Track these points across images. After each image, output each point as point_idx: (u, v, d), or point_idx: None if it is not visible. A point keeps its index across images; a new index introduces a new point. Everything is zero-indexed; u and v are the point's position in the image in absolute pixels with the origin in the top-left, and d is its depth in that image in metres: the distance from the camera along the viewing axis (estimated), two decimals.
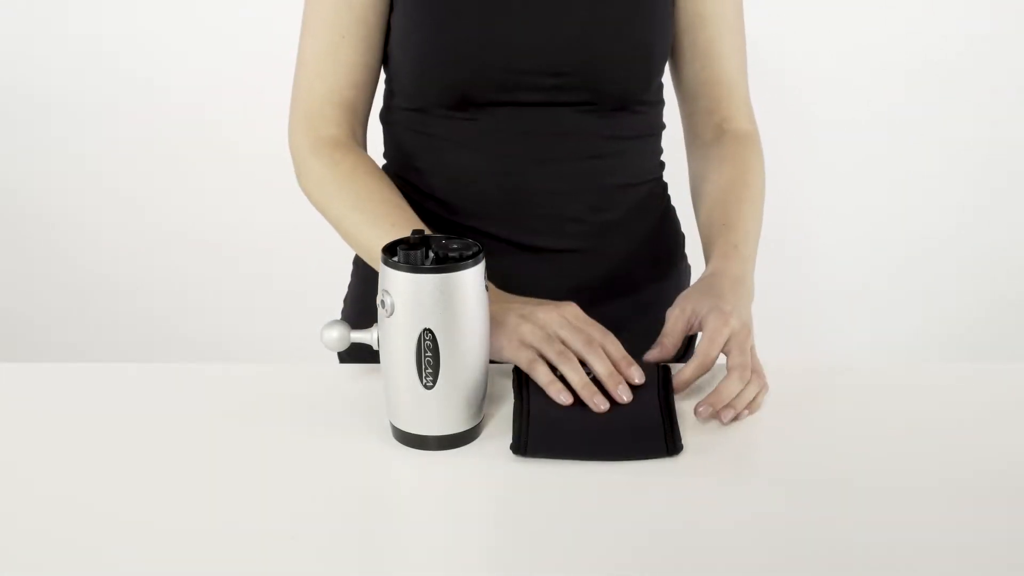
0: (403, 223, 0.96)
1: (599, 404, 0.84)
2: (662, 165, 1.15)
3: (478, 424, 0.84)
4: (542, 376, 0.86)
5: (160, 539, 0.71)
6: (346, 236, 1.03)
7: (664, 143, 1.14)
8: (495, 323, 0.87)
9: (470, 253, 0.80)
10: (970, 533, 0.72)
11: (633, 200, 1.10)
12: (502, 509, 0.75)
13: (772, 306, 2.26)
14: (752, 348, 0.90)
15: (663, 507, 0.75)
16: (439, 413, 0.81)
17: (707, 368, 0.89)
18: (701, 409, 0.85)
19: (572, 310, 0.90)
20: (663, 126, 1.12)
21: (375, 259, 0.87)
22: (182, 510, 0.75)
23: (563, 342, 0.87)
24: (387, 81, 1.10)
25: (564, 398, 0.85)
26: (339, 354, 1.15)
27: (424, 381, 0.80)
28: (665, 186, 1.16)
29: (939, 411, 0.89)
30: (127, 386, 0.95)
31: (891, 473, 0.79)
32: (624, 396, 0.85)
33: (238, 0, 2.04)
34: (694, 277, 1.19)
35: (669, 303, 0.95)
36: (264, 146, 2.05)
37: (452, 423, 0.82)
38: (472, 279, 0.79)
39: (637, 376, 0.87)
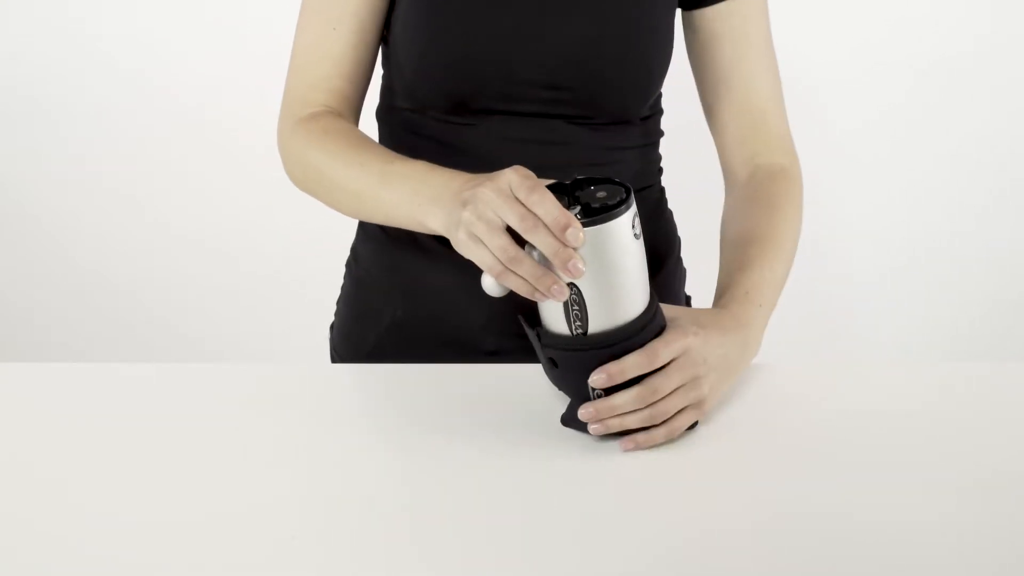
0: (377, 159, 0.93)
1: (556, 293, 0.75)
2: (660, 171, 1.13)
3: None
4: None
5: (159, 539, 0.71)
6: (331, 191, 0.98)
7: (662, 149, 1.12)
8: (451, 215, 0.81)
9: (615, 202, 0.74)
10: (971, 532, 0.72)
11: None
12: (503, 509, 0.76)
13: None
14: (708, 388, 0.81)
15: (665, 507, 0.75)
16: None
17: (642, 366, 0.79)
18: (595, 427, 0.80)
19: (504, 180, 0.77)
20: (661, 134, 1.11)
21: (368, 202, 0.92)
22: (181, 510, 0.75)
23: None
24: (385, 78, 1.10)
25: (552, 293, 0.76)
26: (333, 355, 1.16)
27: (574, 332, 0.78)
28: (662, 190, 1.14)
29: (939, 411, 0.89)
30: (127, 386, 0.96)
31: (892, 472, 0.79)
32: (574, 270, 0.74)
33: (239, 0, 2.04)
34: (690, 278, 1.19)
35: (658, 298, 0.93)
36: (265, 146, 2.06)
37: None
38: (621, 230, 0.74)
39: (572, 239, 0.73)
